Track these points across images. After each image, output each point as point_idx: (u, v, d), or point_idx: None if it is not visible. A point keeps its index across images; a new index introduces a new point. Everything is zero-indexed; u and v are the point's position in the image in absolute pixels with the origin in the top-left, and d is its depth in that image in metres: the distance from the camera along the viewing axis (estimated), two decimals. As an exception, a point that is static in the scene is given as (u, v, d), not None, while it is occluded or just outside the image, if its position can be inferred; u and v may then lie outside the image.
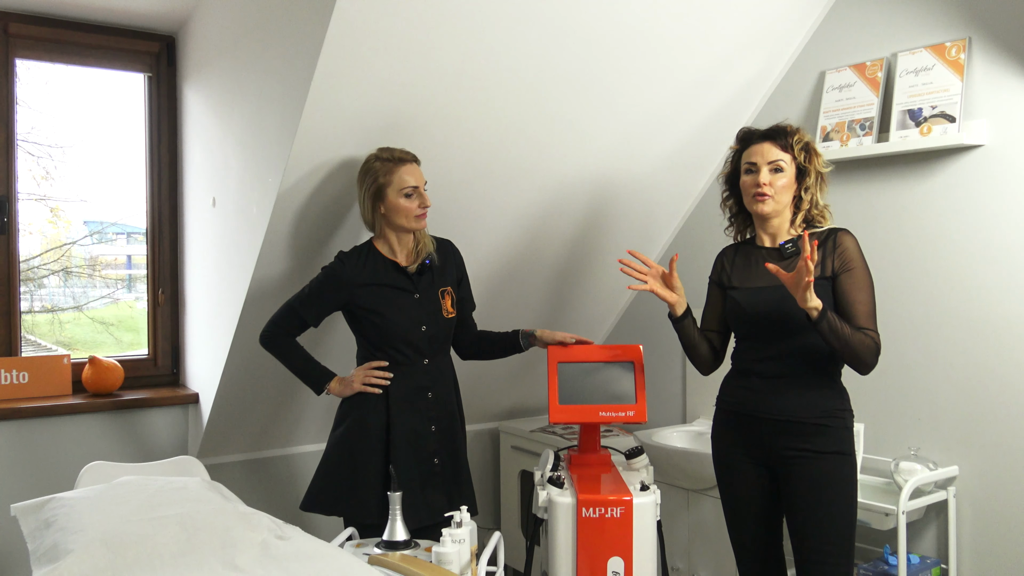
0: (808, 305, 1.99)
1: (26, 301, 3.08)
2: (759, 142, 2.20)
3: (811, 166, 2.18)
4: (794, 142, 2.17)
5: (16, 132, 2.92)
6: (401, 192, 2.35)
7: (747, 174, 2.21)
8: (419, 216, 2.38)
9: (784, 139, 2.18)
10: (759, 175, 2.17)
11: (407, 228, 2.40)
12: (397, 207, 2.36)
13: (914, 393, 2.62)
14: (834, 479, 2.10)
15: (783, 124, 2.22)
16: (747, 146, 2.23)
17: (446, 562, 1.88)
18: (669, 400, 3.40)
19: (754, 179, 2.18)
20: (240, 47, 2.63)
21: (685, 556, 2.92)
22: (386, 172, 2.35)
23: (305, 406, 3.06)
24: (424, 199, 2.38)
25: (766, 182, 2.16)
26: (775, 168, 2.16)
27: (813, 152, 2.19)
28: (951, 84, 2.48)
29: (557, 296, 3.38)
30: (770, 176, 2.16)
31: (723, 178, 2.34)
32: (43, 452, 2.86)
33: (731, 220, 2.36)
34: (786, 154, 2.17)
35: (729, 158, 2.32)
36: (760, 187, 2.16)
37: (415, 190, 2.36)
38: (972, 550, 2.50)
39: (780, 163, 2.16)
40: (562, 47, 2.49)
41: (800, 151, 2.17)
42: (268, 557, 1.65)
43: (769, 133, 2.20)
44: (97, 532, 1.62)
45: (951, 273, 2.53)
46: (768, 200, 2.16)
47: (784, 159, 2.17)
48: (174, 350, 3.23)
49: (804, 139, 2.19)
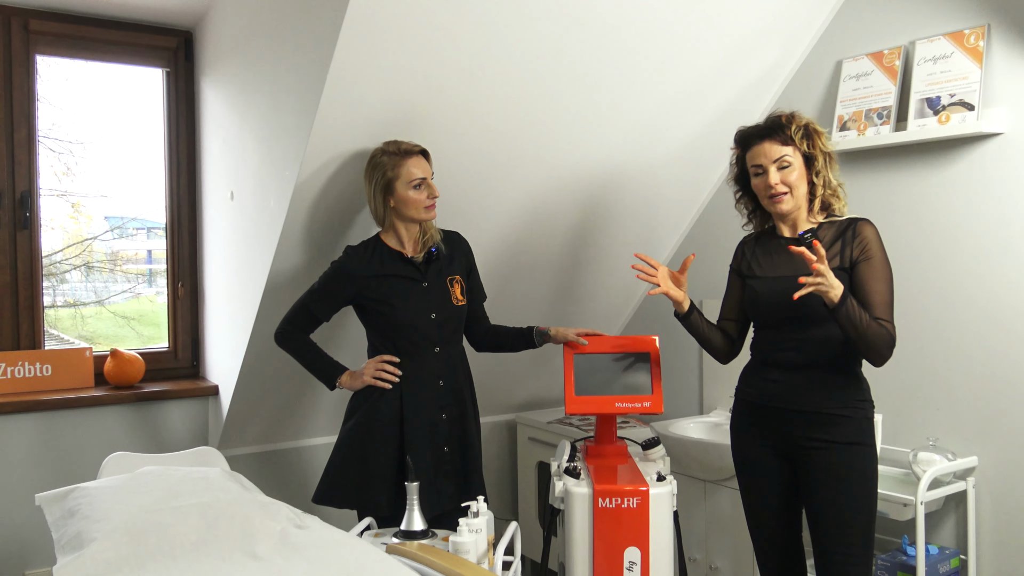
0: (831, 295, 1.97)
1: (48, 296, 3.11)
2: (758, 142, 2.16)
3: (816, 150, 2.14)
4: (793, 132, 2.13)
5: (38, 128, 2.95)
6: (410, 184, 2.37)
7: (756, 176, 2.18)
8: (428, 207, 2.40)
9: (783, 132, 2.14)
10: (768, 176, 2.14)
11: (416, 219, 2.42)
12: (407, 200, 2.38)
13: (933, 383, 2.60)
14: (853, 470, 2.09)
15: (776, 115, 2.18)
16: (747, 148, 2.20)
17: (463, 552, 1.89)
18: (686, 391, 3.40)
19: (764, 181, 2.15)
20: (256, 41, 2.65)
21: (702, 547, 2.92)
22: (394, 166, 2.37)
23: (321, 398, 3.09)
24: (432, 190, 2.40)
25: (777, 182, 2.13)
26: (782, 165, 2.13)
27: (815, 134, 2.15)
28: (970, 72, 2.45)
29: (572, 288, 3.38)
30: (779, 174, 2.13)
31: (732, 180, 2.32)
32: (66, 443, 2.90)
33: (749, 217, 2.34)
34: (788, 147, 2.13)
35: (733, 160, 2.29)
36: (773, 188, 2.13)
37: (423, 181, 2.38)
38: (992, 540, 2.48)
39: (785, 159, 2.13)
40: (575, 39, 2.49)
41: (802, 139, 2.13)
42: (287, 546, 1.67)
43: (766, 131, 2.16)
44: (120, 521, 1.64)
45: (970, 262, 2.51)
46: (785, 198, 2.14)
47: (788, 153, 2.13)
48: (194, 343, 3.26)
49: (802, 124, 2.14)
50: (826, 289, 1.96)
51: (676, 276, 2.35)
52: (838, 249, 2.12)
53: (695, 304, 2.38)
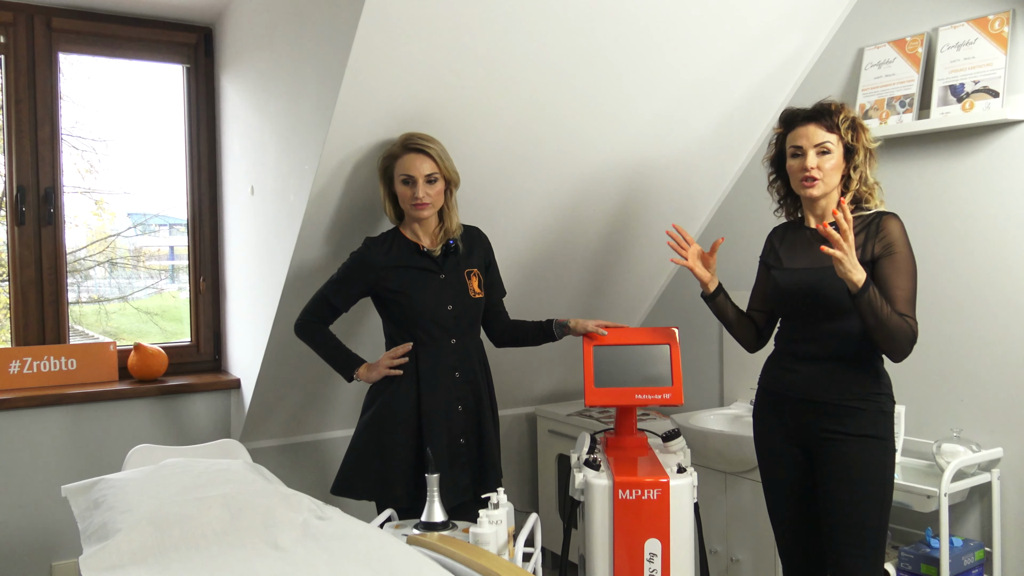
0: (851, 278, 1.95)
1: (73, 292, 3.15)
2: (803, 124, 2.14)
3: (859, 144, 2.11)
4: (840, 120, 2.10)
5: (61, 125, 2.99)
6: (400, 178, 2.40)
7: (793, 158, 2.15)
8: (415, 206, 2.39)
9: (829, 119, 2.11)
10: (806, 159, 2.11)
11: (410, 216, 2.43)
12: (398, 193, 2.42)
13: (957, 374, 2.58)
14: (867, 463, 2.07)
15: (827, 103, 2.15)
16: (791, 128, 2.17)
17: (484, 543, 1.90)
18: (706, 383, 3.38)
19: (801, 163, 2.12)
20: (275, 37, 2.66)
21: (723, 539, 2.91)
22: (395, 157, 2.41)
23: (341, 391, 3.10)
24: (418, 190, 2.37)
25: (813, 166, 2.10)
26: (822, 151, 2.10)
27: (860, 128, 2.12)
28: (994, 58, 2.42)
29: (594, 280, 3.37)
30: (817, 159, 2.10)
31: (768, 161, 2.30)
32: (91, 436, 2.94)
33: (780, 203, 2.32)
34: (832, 135, 2.10)
35: (773, 140, 2.27)
36: (808, 171, 2.11)
37: (412, 179, 2.38)
38: (1017, 533, 2.46)
39: (827, 145, 2.10)
40: (594, 30, 2.48)
41: (847, 130, 2.10)
42: (309, 537, 1.68)
43: (813, 114, 2.14)
44: (144, 512, 1.66)
45: (995, 252, 2.48)
46: (817, 184, 2.11)
47: (831, 140, 2.10)
48: (216, 336, 3.29)
49: (850, 116, 2.12)
50: (848, 268, 1.94)
51: (705, 257, 2.36)
52: (861, 242, 2.10)
53: (723, 287, 2.37)
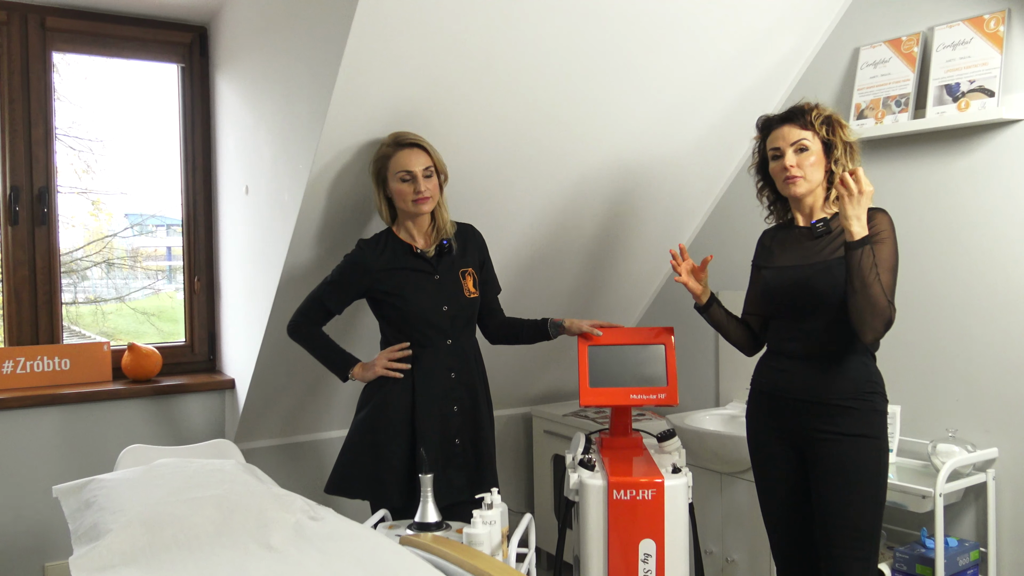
0: (852, 227, 1.97)
1: (70, 293, 3.14)
2: (779, 126, 2.19)
3: (836, 139, 2.15)
4: (813, 118, 2.15)
5: (54, 124, 2.98)
6: (397, 176, 2.38)
7: (774, 160, 2.20)
8: (416, 201, 2.38)
9: (803, 117, 2.16)
10: (785, 159, 2.16)
11: (409, 213, 2.42)
12: (396, 191, 2.40)
13: (952, 374, 2.57)
14: (859, 463, 2.07)
15: (800, 103, 2.20)
16: (768, 133, 2.23)
17: (477, 543, 1.89)
18: (702, 383, 3.38)
19: (781, 163, 2.17)
20: (270, 36, 2.65)
21: (719, 539, 2.90)
22: (387, 157, 2.39)
23: (335, 391, 3.10)
24: (419, 184, 2.37)
25: (792, 164, 2.15)
26: (799, 148, 2.15)
27: (836, 124, 2.16)
28: (990, 57, 2.42)
29: (589, 280, 3.37)
30: (796, 157, 2.15)
31: (754, 168, 2.34)
32: (84, 436, 2.93)
33: (770, 208, 2.35)
34: (807, 131, 2.15)
35: (755, 148, 2.31)
36: (788, 170, 2.15)
37: (411, 175, 2.37)
38: (1012, 533, 2.45)
39: (803, 142, 2.15)
40: (590, 30, 2.47)
41: (821, 126, 2.15)
42: (302, 537, 1.68)
43: (787, 115, 2.20)
44: (136, 512, 1.66)
45: (990, 251, 2.48)
46: (799, 181, 2.15)
47: (807, 137, 2.15)
48: (210, 337, 3.28)
49: (824, 113, 2.17)
50: (852, 214, 1.96)
51: (697, 271, 2.41)
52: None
53: (716, 297, 2.40)
